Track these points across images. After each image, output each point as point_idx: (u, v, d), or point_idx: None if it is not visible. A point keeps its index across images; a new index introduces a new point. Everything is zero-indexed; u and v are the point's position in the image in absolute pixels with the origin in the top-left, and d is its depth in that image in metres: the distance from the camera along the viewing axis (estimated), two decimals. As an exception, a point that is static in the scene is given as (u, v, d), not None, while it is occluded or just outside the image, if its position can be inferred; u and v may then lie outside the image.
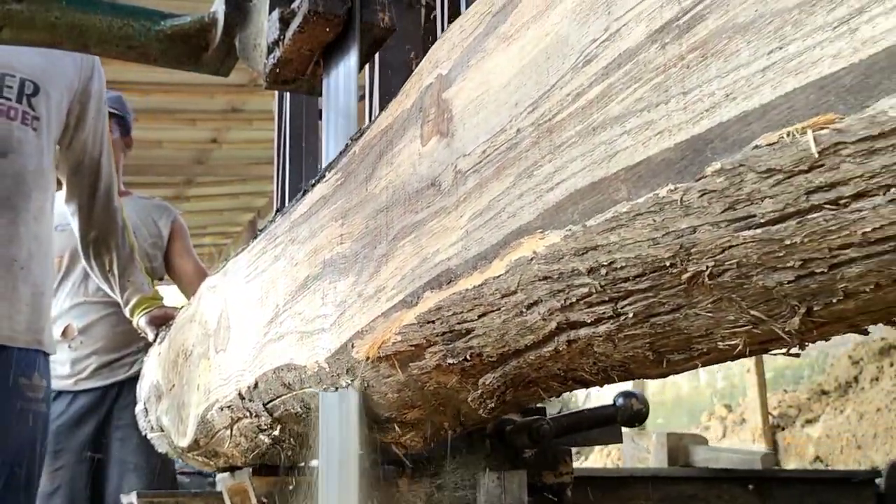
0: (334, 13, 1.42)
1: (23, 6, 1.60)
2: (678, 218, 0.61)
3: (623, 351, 0.76)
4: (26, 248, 2.31)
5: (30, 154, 2.34)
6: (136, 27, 1.69)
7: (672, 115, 0.61)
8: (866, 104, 0.48)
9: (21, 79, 2.35)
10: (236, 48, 1.71)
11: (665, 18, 0.62)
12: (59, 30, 1.64)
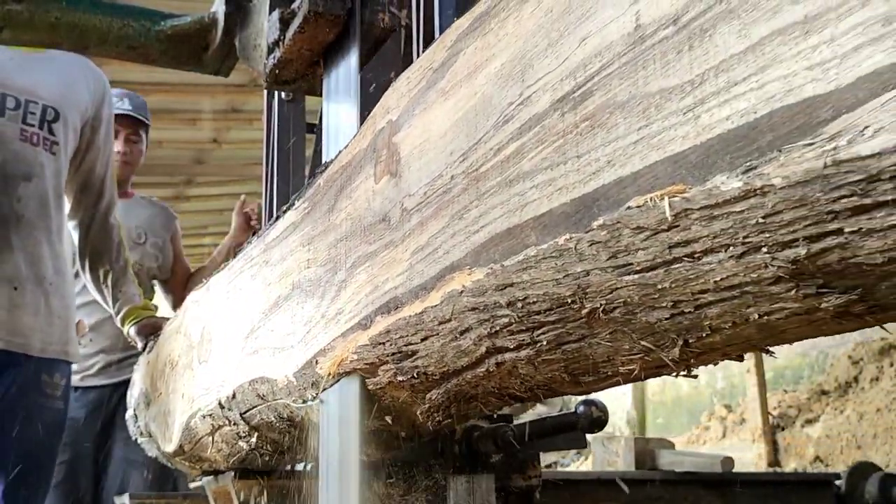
0: (334, 13, 1.41)
1: (23, 6, 1.61)
2: (574, 262, 0.71)
3: (543, 373, 0.86)
4: (52, 266, 2.46)
5: (50, 177, 2.47)
6: (135, 27, 1.70)
7: (569, 175, 0.71)
8: (706, 178, 0.58)
9: (43, 105, 2.46)
10: (236, 48, 1.71)
11: (564, 90, 0.72)
12: (59, 30, 1.66)
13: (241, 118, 7.98)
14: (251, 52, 1.66)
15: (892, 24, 0.47)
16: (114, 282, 2.82)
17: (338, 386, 1.15)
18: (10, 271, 2.37)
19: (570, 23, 0.73)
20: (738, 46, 0.56)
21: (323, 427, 1.21)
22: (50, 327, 2.45)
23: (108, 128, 2.73)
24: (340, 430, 1.16)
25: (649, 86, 0.63)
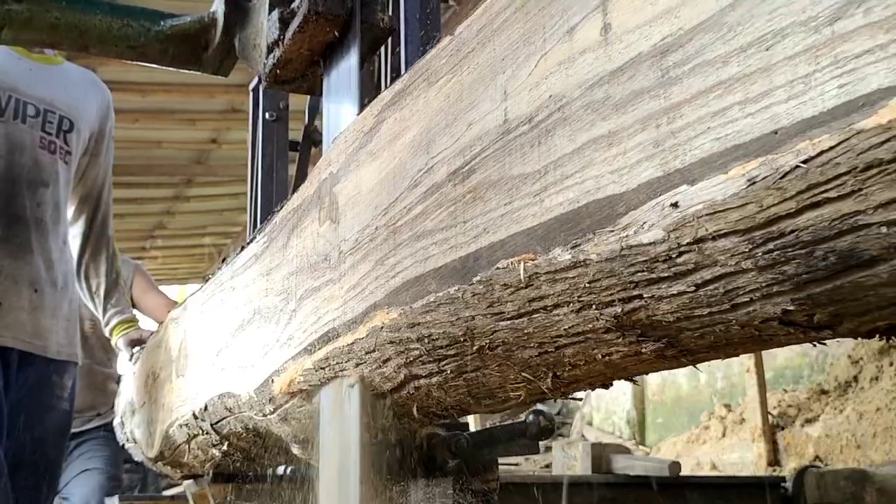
0: (334, 13, 1.41)
1: (23, 6, 1.62)
2: (462, 308, 0.86)
3: (452, 396, 1.01)
4: (63, 270, 2.58)
5: (63, 186, 2.58)
6: (135, 27, 1.71)
7: (458, 236, 0.86)
8: (549, 250, 0.73)
9: (60, 115, 2.56)
10: (236, 48, 1.72)
11: (456, 165, 0.87)
12: (59, 30, 1.66)
13: (240, 118, 7.91)
14: (251, 52, 1.65)
15: (660, 147, 0.62)
16: (105, 293, 2.93)
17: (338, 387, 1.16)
18: (32, 274, 2.45)
19: (461, 109, 0.88)
20: (569, 148, 0.71)
21: (323, 427, 1.22)
22: (64, 330, 2.55)
23: (109, 142, 2.84)
24: (340, 429, 1.17)
25: (513, 170, 0.78)
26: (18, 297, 2.43)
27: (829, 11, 0.50)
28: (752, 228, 0.57)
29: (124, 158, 7.25)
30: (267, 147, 3.17)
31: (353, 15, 1.43)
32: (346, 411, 1.15)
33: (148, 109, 7.12)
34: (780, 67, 0.53)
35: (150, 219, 9.82)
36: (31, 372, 2.47)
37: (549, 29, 0.75)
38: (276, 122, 3.29)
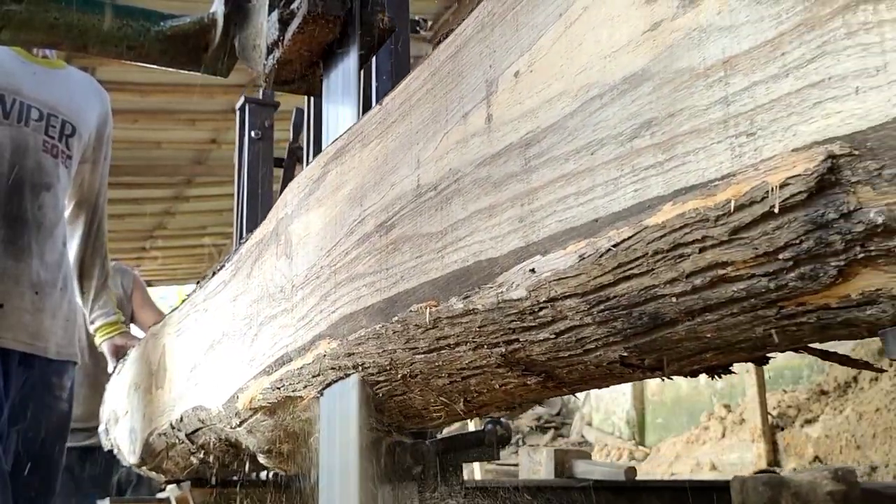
0: (334, 14, 1.42)
1: (22, 6, 1.62)
2: (387, 342, 1.00)
3: (387, 416, 1.16)
4: (64, 272, 2.65)
5: (63, 189, 2.63)
6: (135, 28, 1.71)
7: (382, 281, 1.00)
8: (448, 299, 0.87)
9: (63, 120, 2.61)
10: (235, 49, 1.72)
11: (382, 219, 1.02)
12: (59, 30, 1.66)
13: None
14: (250, 53, 1.66)
15: (523, 222, 0.76)
16: (95, 295, 2.99)
17: (338, 387, 1.17)
18: (33, 276, 2.48)
19: (386, 171, 1.02)
20: (462, 215, 0.85)
21: (323, 427, 1.23)
22: (64, 331, 2.62)
23: (107, 148, 2.90)
24: (340, 429, 1.17)
25: (422, 229, 0.93)
26: (20, 298, 2.46)
27: (630, 130, 0.65)
28: (587, 293, 0.71)
29: (124, 159, 7.37)
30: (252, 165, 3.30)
31: (353, 16, 1.44)
32: (345, 411, 1.14)
33: (148, 110, 7.17)
34: (600, 169, 0.67)
35: (150, 219, 9.85)
36: (32, 373, 2.51)
37: (450, 112, 0.89)
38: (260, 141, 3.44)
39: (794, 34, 0.52)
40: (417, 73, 0.98)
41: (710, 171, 0.58)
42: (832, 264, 0.54)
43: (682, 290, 0.63)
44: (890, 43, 0.47)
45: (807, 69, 0.51)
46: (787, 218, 0.54)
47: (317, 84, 1.58)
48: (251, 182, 3.29)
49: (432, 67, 0.94)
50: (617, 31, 0.67)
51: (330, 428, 1.20)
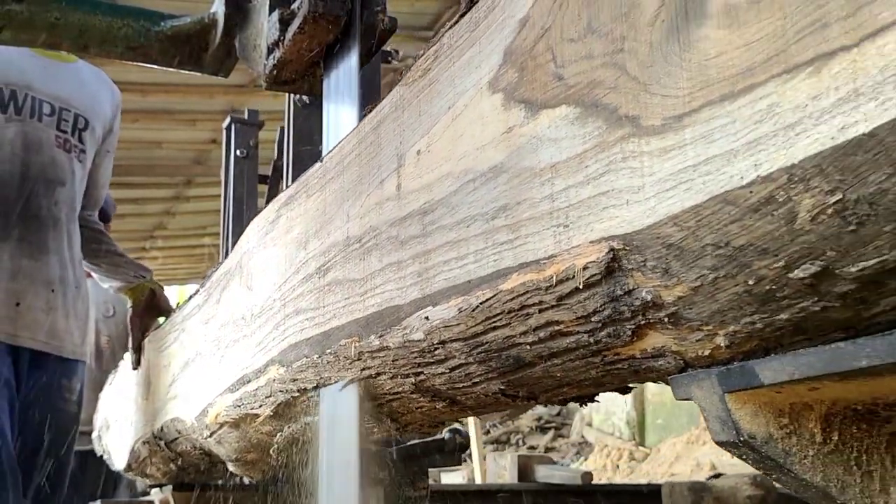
0: (334, 14, 1.42)
1: (23, 6, 1.61)
2: (322, 370, 1.16)
3: (331, 430, 1.31)
4: (76, 269, 2.57)
5: (77, 184, 2.58)
6: (135, 28, 1.70)
7: (320, 317, 1.16)
8: (367, 336, 1.03)
9: (75, 114, 2.56)
10: (236, 49, 1.72)
11: (321, 262, 1.17)
12: (59, 30, 1.66)
13: None
14: (251, 53, 1.65)
15: (421, 277, 0.92)
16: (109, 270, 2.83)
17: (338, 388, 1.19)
18: (48, 274, 2.44)
19: (325, 221, 1.18)
20: (378, 266, 1.01)
21: (322, 428, 1.24)
22: (77, 329, 2.56)
23: (115, 140, 2.86)
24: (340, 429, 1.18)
25: (350, 274, 1.09)
26: (36, 296, 2.42)
27: (492, 211, 0.80)
28: (467, 338, 0.87)
29: (124, 158, 7.12)
30: (238, 182, 3.45)
31: (353, 16, 1.44)
32: (345, 411, 1.15)
33: (148, 110, 7.11)
34: (472, 240, 0.83)
35: (150, 219, 9.81)
36: (42, 373, 2.47)
37: (372, 177, 1.05)
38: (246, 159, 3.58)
39: (593, 152, 0.68)
40: (350, 137, 1.14)
41: (540, 251, 0.73)
42: (627, 327, 0.70)
43: (532, 340, 0.79)
44: (647, 169, 0.63)
45: (599, 181, 0.67)
46: (591, 292, 0.70)
47: (317, 84, 1.57)
48: (236, 199, 3.44)
49: (360, 135, 1.10)
50: (485, 129, 0.82)
51: (330, 428, 1.20)
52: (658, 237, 0.62)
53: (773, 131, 0.53)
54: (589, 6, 0.70)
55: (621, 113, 0.65)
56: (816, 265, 0.56)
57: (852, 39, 0.49)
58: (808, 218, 0.53)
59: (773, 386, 0.64)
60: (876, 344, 0.56)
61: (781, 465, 0.68)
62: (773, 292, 0.59)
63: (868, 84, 0.48)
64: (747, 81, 0.55)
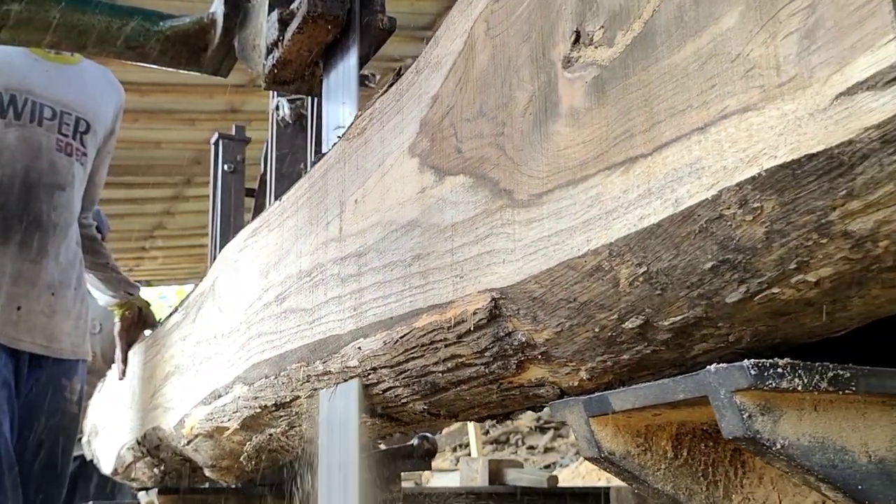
0: (333, 14, 1.42)
1: (22, 6, 1.61)
2: (279, 390, 1.30)
3: (292, 441, 1.45)
4: (77, 272, 2.62)
5: (77, 187, 2.59)
6: (134, 27, 1.70)
7: (277, 340, 1.30)
8: (314, 363, 1.17)
9: (77, 117, 2.57)
10: (235, 49, 1.71)
11: (278, 291, 1.31)
12: (58, 30, 1.65)
13: (240, 119, 7.02)
14: (250, 53, 1.66)
15: (356, 311, 1.06)
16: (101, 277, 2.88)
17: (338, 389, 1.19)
18: (49, 278, 2.46)
19: (282, 254, 1.32)
20: (323, 298, 1.15)
21: (322, 427, 1.24)
22: (76, 330, 2.60)
23: (114, 141, 2.88)
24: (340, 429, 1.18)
25: (301, 305, 1.22)
26: (37, 300, 2.44)
27: (410, 259, 0.94)
28: (392, 366, 1.01)
29: (124, 158, 7.16)
30: (225, 196, 3.59)
31: (353, 16, 1.44)
32: (345, 411, 1.16)
33: (147, 109, 7.10)
34: (393, 283, 0.97)
35: (150, 219, 9.82)
36: (42, 374, 2.49)
37: (320, 219, 1.19)
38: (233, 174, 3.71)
39: (481, 217, 0.82)
40: (303, 181, 1.27)
41: (443, 296, 0.87)
42: (512, 361, 0.84)
43: (442, 369, 0.93)
44: (517, 235, 0.76)
45: (485, 241, 0.81)
46: (481, 332, 0.84)
47: (316, 84, 1.58)
48: (224, 213, 3.57)
49: (311, 181, 1.24)
50: (405, 188, 0.96)
51: (329, 428, 1.21)
52: (525, 291, 0.76)
53: (599, 215, 0.67)
54: (481, 93, 0.84)
55: (501, 186, 0.79)
56: (640, 318, 0.70)
57: (648, 149, 0.63)
58: (627, 283, 0.67)
59: (623, 412, 0.78)
60: (688, 381, 0.70)
61: (637, 476, 0.82)
62: (614, 338, 0.73)
63: (656, 185, 0.62)
64: (584, 172, 0.69)
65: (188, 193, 9.31)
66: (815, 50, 0.51)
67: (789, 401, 0.67)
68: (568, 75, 0.72)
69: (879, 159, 0.49)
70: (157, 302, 14.05)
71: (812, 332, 0.66)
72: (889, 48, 0.47)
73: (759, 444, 0.66)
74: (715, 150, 0.57)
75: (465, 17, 0.89)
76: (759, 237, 0.57)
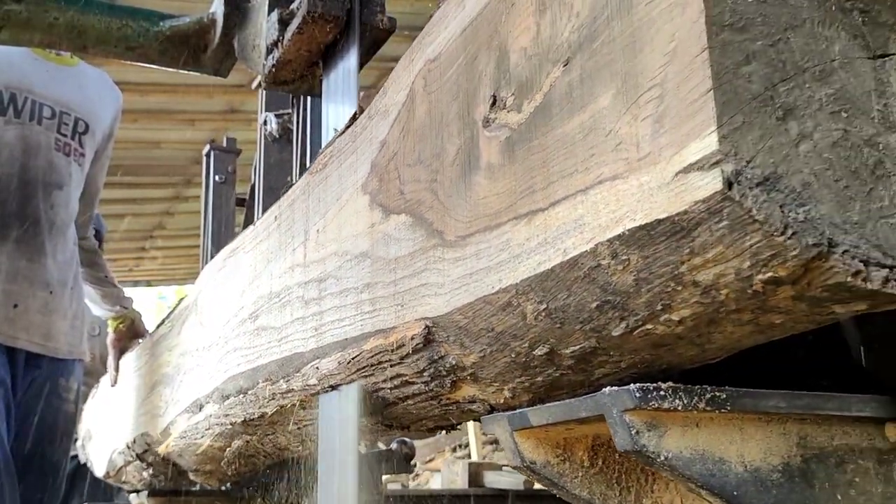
0: (333, 14, 1.42)
1: (21, 6, 1.61)
2: (247, 407, 1.40)
3: (266, 448, 1.56)
4: (73, 271, 2.63)
5: (75, 187, 2.60)
6: (134, 28, 1.70)
7: (250, 355, 1.40)
8: (278, 380, 1.27)
9: (76, 117, 2.57)
10: (235, 49, 1.72)
11: (252, 310, 1.42)
12: (58, 30, 1.66)
13: (239, 119, 7.51)
14: (250, 53, 1.66)
15: (318, 331, 1.16)
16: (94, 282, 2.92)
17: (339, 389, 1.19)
18: (45, 276, 2.46)
19: (255, 275, 1.42)
20: (290, 319, 1.26)
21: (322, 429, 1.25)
22: (73, 329, 2.61)
23: (112, 143, 2.87)
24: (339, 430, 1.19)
25: (271, 323, 1.33)
26: (34, 298, 2.45)
27: (361, 286, 1.05)
28: (348, 383, 1.11)
29: (124, 158, 7.18)
30: (216, 206, 3.69)
31: (353, 16, 1.45)
32: (345, 412, 1.17)
33: (147, 109, 7.11)
34: (347, 307, 1.08)
35: (150, 219, 9.85)
36: (38, 373, 2.49)
37: (288, 245, 1.30)
38: (224, 185, 3.82)
39: (419, 253, 0.92)
40: (274, 209, 1.38)
41: (388, 322, 0.98)
42: (447, 380, 0.95)
43: (389, 386, 1.04)
44: (447, 272, 0.87)
45: (421, 275, 0.92)
46: (419, 355, 0.94)
47: (316, 84, 1.59)
48: (216, 221, 3.67)
49: (280, 209, 1.34)
50: (359, 222, 1.07)
51: (329, 428, 1.22)
52: (453, 321, 0.87)
53: (508, 258, 0.78)
54: (419, 142, 0.95)
55: (434, 227, 0.90)
56: (546, 347, 0.80)
57: (545, 204, 0.73)
58: (532, 317, 0.78)
59: (540, 427, 0.88)
60: (588, 401, 0.80)
61: (556, 483, 0.92)
62: (527, 363, 0.84)
63: (551, 236, 0.72)
64: (497, 220, 0.80)
65: (188, 193, 9.28)
66: (663, 133, 0.61)
67: (674, 418, 0.77)
68: (487, 134, 0.82)
69: (709, 226, 0.59)
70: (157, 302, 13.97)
71: (690, 359, 0.77)
72: (712, 138, 0.57)
73: (646, 456, 0.76)
74: (593, 210, 0.68)
75: (407, 72, 1.00)
76: (630, 283, 0.68)
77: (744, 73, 0.59)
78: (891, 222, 0.60)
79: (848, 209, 0.59)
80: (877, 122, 0.62)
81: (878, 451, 0.86)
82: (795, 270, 0.59)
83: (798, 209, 0.58)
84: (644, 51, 0.64)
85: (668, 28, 0.62)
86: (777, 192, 0.57)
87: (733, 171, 0.57)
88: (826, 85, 0.61)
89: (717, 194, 0.57)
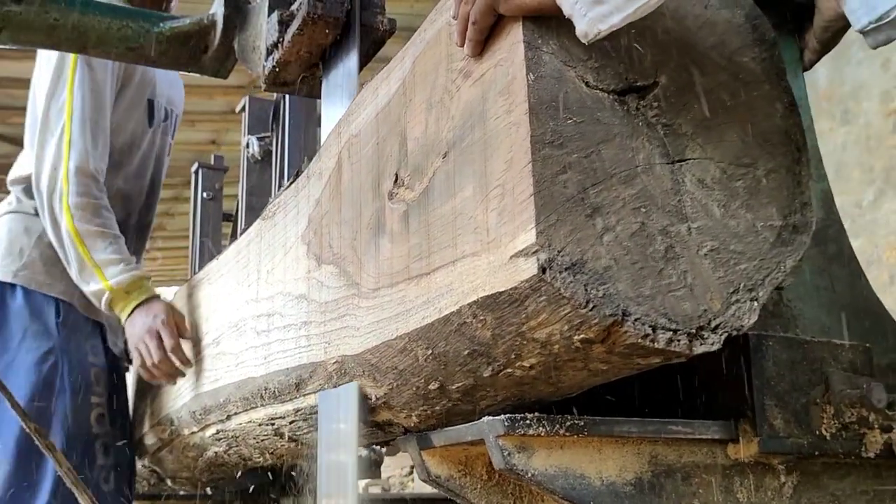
0: (333, 15, 1.43)
1: (22, 7, 1.62)
2: (222, 421, 1.57)
3: (243, 454, 1.73)
4: None
5: None
6: (134, 28, 1.70)
7: (215, 375, 1.57)
8: (239, 401, 1.44)
9: (176, 115, 2.52)
10: (235, 50, 1.73)
11: (216, 335, 1.59)
12: (58, 31, 1.67)
13: (239, 120, 7.72)
14: (250, 54, 1.66)
15: (266, 359, 1.33)
16: None
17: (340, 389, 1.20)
18: None
19: (218, 306, 1.59)
20: (245, 346, 1.42)
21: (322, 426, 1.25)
22: None
23: None
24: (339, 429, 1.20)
25: (231, 349, 1.50)
26: None
27: (300, 323, 1.22)
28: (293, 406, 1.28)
29: None
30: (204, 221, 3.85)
31: (352, 17, 1.46)
32: (344, 412, 1.17)
33: None
34: (289, 340, 1.24)
35: None
36: None
37: (244, 280, 1.47)
38: (212, 201, 3.97)
39: (342, 300, 1.09)
40: (234, 246, 1.55)
41: (318, 356, 1.15)
42: (367, 405, 1.11)
43: (324, 409, 1.21)
44: (361, 318, 1.04)
45: (343, 319, 1.08)
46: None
47: (316, 86, 1.59)
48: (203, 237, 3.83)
49: (238, 248, 1.51)
50: (299, 267, 1.24)
51: (328, 428, 1.22)
52: (365, 359, 1.04)
53: (403, 311, 0.95)
54: (344, 204, 1.12)
55: (353, 279, 1.07)
56: (437, 383, 0.97)
57: (428, 270, 0.90)
58: (423, 359, 0.95)
59: (441, 447, 1.05)
60: (472, 428, 0.97)
61: (459, 493, 1.09)
62: (426, 394, 1.01)
63: (432, 296, 0.89)
64: (396, 279, 0.96)
65: (187, 194, 9.20)
66: (504, 223, 0.78)
67: (541, 442, 0.94)
68: (391, 205, 0.99)
69: (534, 299, 0.76)
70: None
71: (550, 395, 0.94)
72: (531, 232, 0.74)
73: (517, 473, 0.93)
74: (459, 279, 0.85)
75: (337, 141, 1.17)
76: (489, 337, 0.85)
77: (560, 181, 0.76)
78: (676, 295, 0.77)
79: (641, 286, 0.76)
80: (671, 215, 0.79)
81: (722, 468, 1.02)
82: (600, 333, 0.76)
83: (599, 287, 0.75)
84: (493, 156, 0.81)
85: (507, 141, 0.79)
86: (582, 274, 0.74)
87: (546, 258, 0.73)
88: (630, 186, 0.78)
89: (535, 277, 0.74)
